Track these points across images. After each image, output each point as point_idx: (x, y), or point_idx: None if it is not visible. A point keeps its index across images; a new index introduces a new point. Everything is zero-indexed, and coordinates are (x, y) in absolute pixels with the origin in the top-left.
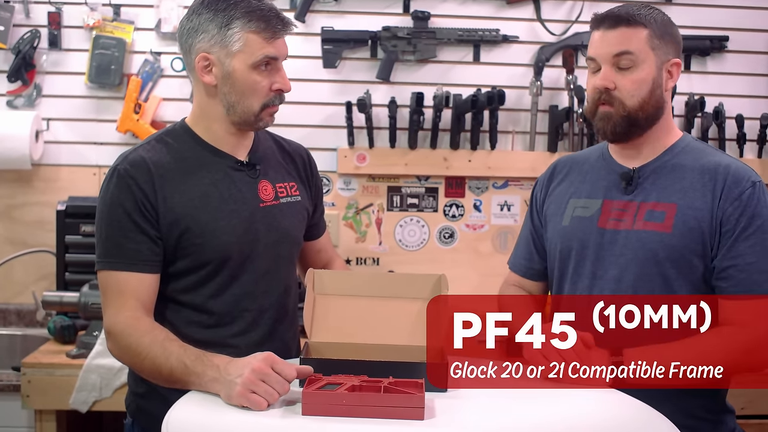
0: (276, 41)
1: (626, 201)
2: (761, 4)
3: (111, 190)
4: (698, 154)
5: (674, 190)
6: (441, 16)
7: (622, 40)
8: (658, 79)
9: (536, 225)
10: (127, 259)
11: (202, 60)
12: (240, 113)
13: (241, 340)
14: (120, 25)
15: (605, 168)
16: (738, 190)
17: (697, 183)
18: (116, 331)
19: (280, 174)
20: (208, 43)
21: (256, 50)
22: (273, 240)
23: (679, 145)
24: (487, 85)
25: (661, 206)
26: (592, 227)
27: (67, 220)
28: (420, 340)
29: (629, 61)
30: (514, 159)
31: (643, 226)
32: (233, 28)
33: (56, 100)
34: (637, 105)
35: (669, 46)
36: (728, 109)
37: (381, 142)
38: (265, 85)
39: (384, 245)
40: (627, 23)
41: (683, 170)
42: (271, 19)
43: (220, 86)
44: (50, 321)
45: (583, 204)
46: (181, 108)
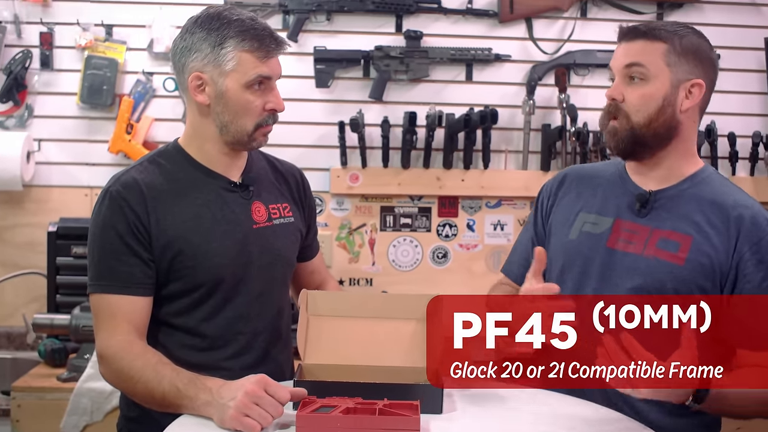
0: (269, 61)
1: (639, 224)
2: (753, 23)
3: (103, 212)
4: (719, 188)
5: (691, 221)
6: (433, 35)
7: (636, 52)
8: (671, 97)
9: (539, 233)
10: (119, 281)
11: (195, 79)
12: (233, 133)
13: (234, 363)
14: (112, 46)
15: (620, 186)
16: (758, 234)
17: (716, 219)
18: (108, 354)
19: (273, 195)
20: (201, 62)
21: (249, 69)
22: (266, 262)
23: (699, 176)
24: (480, 104)
25: (676, 236)
26: (600, 245)
27: (58, 242)
28: (415, 361)
29: (640, 73)
30: (507, 178)
31: (655, 253)
32: (226, 47)
33: (48, 120)
34: (642, 121)
35: (692, 66)
36: (720, 127)
37: (374, 162)
38: (259, 104)
39: (377, 265)
40: (645, 36)
41: (702, 203)
42: (265, 39)
43: (213, 106)
44: (41, 344)
45: (593, 220)
46: (174, 128)
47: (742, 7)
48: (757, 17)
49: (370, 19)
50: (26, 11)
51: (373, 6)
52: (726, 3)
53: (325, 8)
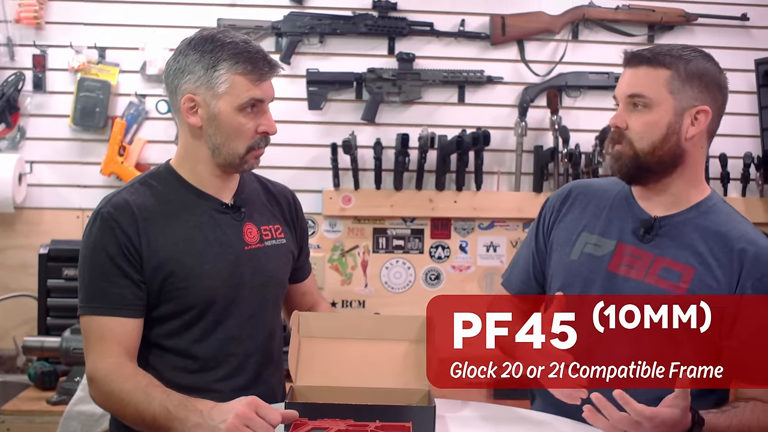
0: (262, 84)
1: (642, 250)
2: (742, 45)
3: (94, 233)
4: (724, 219)
5: (694, 252)
6: (426, 57)
7: (639, 81)
8: (675, 124)
9: (540, 248)
10: (110, 303)
11: (188, 101)
12: (225, 155)
13: (225, 385)
14: (105, 68)
15: (625, 208)
16: (760, 271)
17: (719, 252)
18: (99, 377)
19: (265, 216)
20: (194, 84)
21: (242, 92)
22: (258, 283)
23: (705, 204)
24: (472, 125)
25: (678, 266)
26: (601, 268)
27: (49, 264)
28: (407, 382)
29: (642, 101)
30: (499, 200)
31: (656, 281)
32: (220, 69)
33: (40, 142)
34: (647, 148)
35: (697, 92)
36: (712, 149)
37: (366, 184)
38: (251, 127)
39: (370, 287)
40: (649, 63)
41: (706, 233)
42: (258, 62)
43: (206, 128)
44: (30, 367)
45: (596, 241)
46: (166, 150)
47: (732, 30)
48: (747, 39)
49: (362, 41)
50: (19, 33)
51: (365, 29)
52: (716, 25)
53: (317, 31)
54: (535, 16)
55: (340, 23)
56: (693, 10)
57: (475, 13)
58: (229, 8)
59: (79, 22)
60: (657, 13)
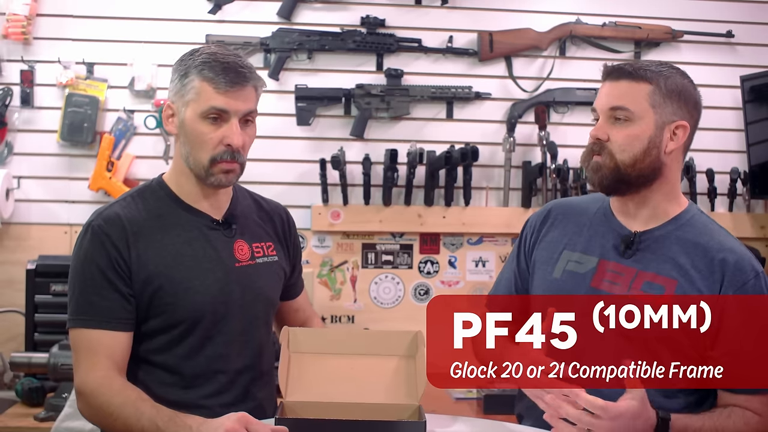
0: (229, 93)
1: (624, 265)
2: (727, 62)
3: (85, 246)
4: (703, 230)
5: (675, 264)
6: (414, 73)
7: (621, 94)
8: (656, 138)
9: (522, 268)
10: (99, 316)
11: (167, 109)
12: (193, 165)
13: (214, 401)
14: (93, 83)
15: (605, 225)
16: (741, 279)
17: (700, 263)
18: (87, 391)
19: (257, 233)
20: (173, 93)
21: (204, 100)
22: (248, 300)
23: (684, 217)
24: (461, 141)
25: (660, 279)
26: (584, 285)
27: (37, 280)
28: (397, 397)
29: (625, 114)
30: (488, 215)
31: (638, 295)
32: (190, 76)
33: (28, 158)
34: (628, 161)
35: (676, 107)
36: (699, 164)
37: (355, 199)
38: (213, 137)
39: (359, 303)
40: (630, 77)
41: (686, 245)
42: (226, 70)
43: (179, 136)
44: (18, 383)
45: (577, 258)
46: (155, 165)
47: (717, 47)
48: (732, 56)
49: (351, 57)
50: (7, 49)
51: (354, 45)
52: (702, 42)
53: (306, 47)
54: (522, 33)
55: (329, 39)
56: (679, 27)
57: (463, 30)
58: (217, 24)
59: (67, 37)
60: (643, 30)
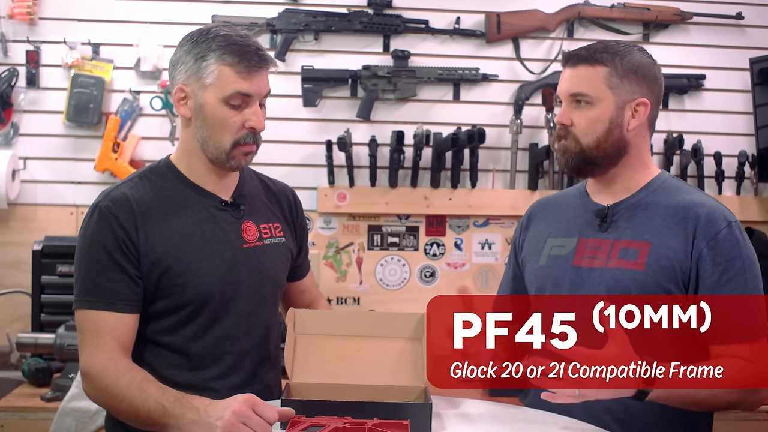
0: (251, 77)
1: (600, 239)
2: (736, 44)
3: (92, 227)
4: (674, 192)
5: (648, 228)
6: (421, 55)
7: (579, 80)
8: (617, 118)
9: (514, 268)
10: (105, 298)
11: (179, 92)
12: (212, 149)
13: (221, 383)
14: (99, 64)
15: (581, 206)
16: (713, 229)
17: (671, 221)
18: (93, 372)
19: (264, 215)
20: (185, 75)
21: (227, 84)
22: (256, 282)
23: (655, 183)
24: (467, 123)
25: (635, 244)
26: (568, 265)
27: (43, 260)
28: (403, 380)
29: (584, 99)
30: (494, 197)
31: (617, 264)
32: (208, 60)
33: (34, 138)
34: (592, 143)
35: (635, 86)
36: (706, 147)
37: (361, 181)
38: (237, 121)
39: (365, 285)
40: (587, 61)
41: (657, 208)
42: (247, 54)
43: (194, 119)
44: (24, 363)
45: (559, 243)
46: (160, 147)
47: (726, 29)
48: (742, 38)
49: (357, 38)
50: (13, 29)
51: (360, 26)
52: (711, 24)
53: (312, 28)
54: (530, 14)
55: (335, 20)
56: (688, 9)
57: (471, 11)
58: (223, 5)
59: (72, 18)
60: (652, 11)
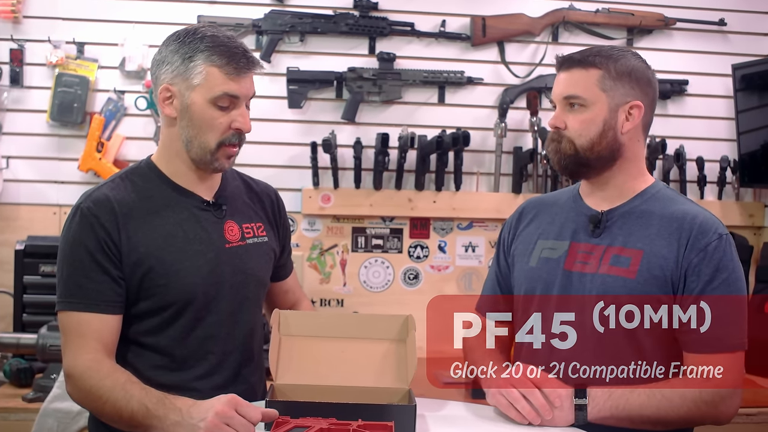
0: (239, 79)
1: (593, 244)
2: (719, 50)
3: (73, 228)
4: (668, 202)
5: (641, 236)
6: (406, 57)
7: (572, 83)
8: (611, 120)
9: (502, 267)
10: (88, 299)
11: (164, 91)
12: (196, 149)
13: (205, 384)
14: (83, 63)
15: (575, 210)
16: (704, 241)
17: (664, 231)
18: (76, 373)
19: (247, 214)
20: (171, 75)
21: (215, 85)
22: (238, 281)
23: (649, 192)
24: (452, 126)
25: (627, 252)
26: (558, 269)
27: (25, 260)
28: (387, 381)
29: (578, 101)
30: (478, 200)
31: (608, 270)
32: (196, 60)
33: (17, 137)
34: (586, 145)
35: (628, 88)
36: (689, 152)
37: (346, 183)
38: (223, 122)
39: (348, 286)
40: (580, 65)
41: (651, 217)
42: (235, 56)
43: (179, 119)
44: (6, 363)
45: (551, 245)
46: (145, 147)
47: (709, 35)
48: (724, 44)
49: (343, 40)
50: None
51: (346, 28)
52: (694, 30)
53: (298, 29)
54: (515, 18)
55: (321, 22)
56: (672, 15)
57: (456, 14)
58: (209, 5)
59: (57, 16)
60: (636, 17)
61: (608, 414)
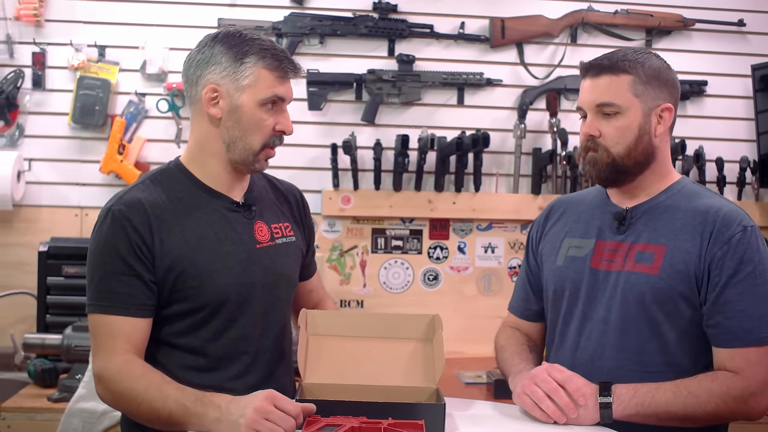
0: (285, 82)
1: (618, 242)
2: (738, 50)
3: (104, 231)
4: (692, 197)
5: (665, 231)
6: (425, 59)
7: (604, 90)
8: (645, 125)
9: (532, 266)
10: (119, 303)
11: (211, 91)
12: (240, 150)
13: (238, 384)
14: (105, 66)
15: (600, 208)
16: (728, 233)
17: (688, 225)
18: (108, 376)
19: (274, 215)
20: (219, 75)
21: (266, 87)
22: (270, 281)
23: (675, 188)
24: (472, 127)
25: (651, 248)
26: (585, 267)
27: (48, 262)
28: (414, 380)
29: (612, 109)
30: (498, 201)
31: (633, 267)
32: (247, 62)
33: (39, 140)
34: (623, 152)
35: (658, 91)
36: (708, 152)
37: (366, 184)
38: (269, 123)
39: (368, 287)
40: (610, 71)
41: (675, 212)
42: (284, 60)
43: (225, 120)
44: (30, 364)
45: (577, 243)
46: (166, 149)
47: (728, 35)
48: (744, 44)
49: (362, 42)
50: (19, 31)
51: (366, 30)
52: (713, 30)
53: (318, 32)
54: (534, 20)
55: (341, 24)
56: (690, 16)
57: (475, 16)
58: (229, 8)
59: (79, 20)
60: (655, 18)
61: (634, 411)
